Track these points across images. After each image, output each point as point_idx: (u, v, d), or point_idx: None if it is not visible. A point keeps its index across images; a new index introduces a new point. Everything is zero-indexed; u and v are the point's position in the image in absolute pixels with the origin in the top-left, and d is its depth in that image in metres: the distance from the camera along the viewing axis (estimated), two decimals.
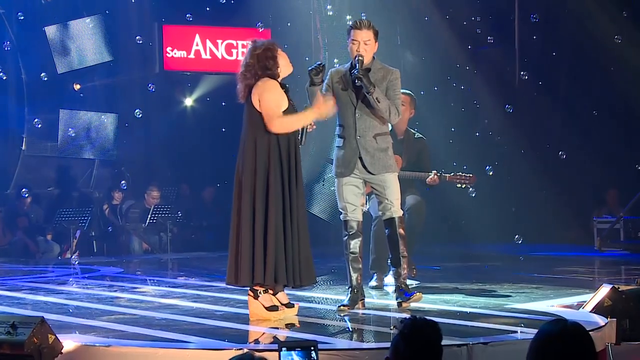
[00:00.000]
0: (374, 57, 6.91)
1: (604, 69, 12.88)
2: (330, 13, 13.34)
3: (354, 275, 6.84)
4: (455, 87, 13.61)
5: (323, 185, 8.40)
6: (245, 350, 4.95)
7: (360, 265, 6.91)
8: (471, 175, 8.53)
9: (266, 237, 6.18)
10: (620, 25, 12.37)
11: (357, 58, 6.76)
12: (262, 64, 6.32)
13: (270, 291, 6.34)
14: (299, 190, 6.33)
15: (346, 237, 6.88)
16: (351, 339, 5.94)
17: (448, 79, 13.62)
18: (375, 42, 6.89)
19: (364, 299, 6.91)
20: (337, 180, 6.95)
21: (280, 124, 6.27)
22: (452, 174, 8.54)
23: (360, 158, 6.84)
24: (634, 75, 12.45)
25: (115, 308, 7.26)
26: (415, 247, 8.51)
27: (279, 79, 6.40)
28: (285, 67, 6.41)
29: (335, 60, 6.78)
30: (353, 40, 6.85)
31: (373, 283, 8.24)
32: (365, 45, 6.81)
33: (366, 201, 7.88)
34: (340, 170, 6.90)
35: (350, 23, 6.98)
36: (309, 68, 6.80)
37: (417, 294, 6.92)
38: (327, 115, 6.59)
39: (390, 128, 7.33)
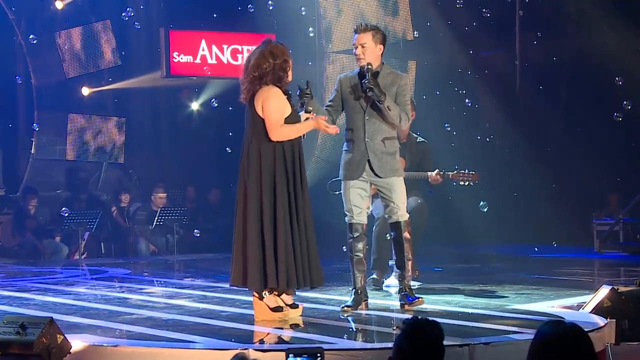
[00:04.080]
0: (382, 62, 6.94)
1: (605, 73, 12.92)
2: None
3: (358, 277, 6.89)
4: (456, 92, 13.67)
5: (328, 188, 8.45)
6: (241, 349, 5.04)
7: (364, 268, 6.96)
8: (474, 172, 8.46)
9: (276, 243, 6.22)
10: (622, 31, 12.43)
11: (366, 67, 6.79)
12: (277, 75, 6.32)
13: (275, 292, 6.38)
14: (305, 194, 6.36)
15: (351, 240, 6.92)
16: (354, 339, 6.00)
17: (450, 83, 13.67)
18: (377, 45, 6.87)
19: (367, 300, 6.96)
20: (344, 183, 6.97)
21: (280, 133, 6.28)
22: (455, 172, 8.48)
23: (369, 161, 6.88)
24: (635, 80, 12.48)
25: (123, 309, 7.31)
26: (417, 249, 8.57)
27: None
28: (290, 77, 6.45)
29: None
30: (354, 43, 6.91)
31: (373, 276, 8.26)
32: (362, 47, 6.84)
33: (370, 203, 7.93)
34: (348, 173, 6.93)
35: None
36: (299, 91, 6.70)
37: (420, 298, 6.98)
38: (325, 131, 6.56)
39: None
